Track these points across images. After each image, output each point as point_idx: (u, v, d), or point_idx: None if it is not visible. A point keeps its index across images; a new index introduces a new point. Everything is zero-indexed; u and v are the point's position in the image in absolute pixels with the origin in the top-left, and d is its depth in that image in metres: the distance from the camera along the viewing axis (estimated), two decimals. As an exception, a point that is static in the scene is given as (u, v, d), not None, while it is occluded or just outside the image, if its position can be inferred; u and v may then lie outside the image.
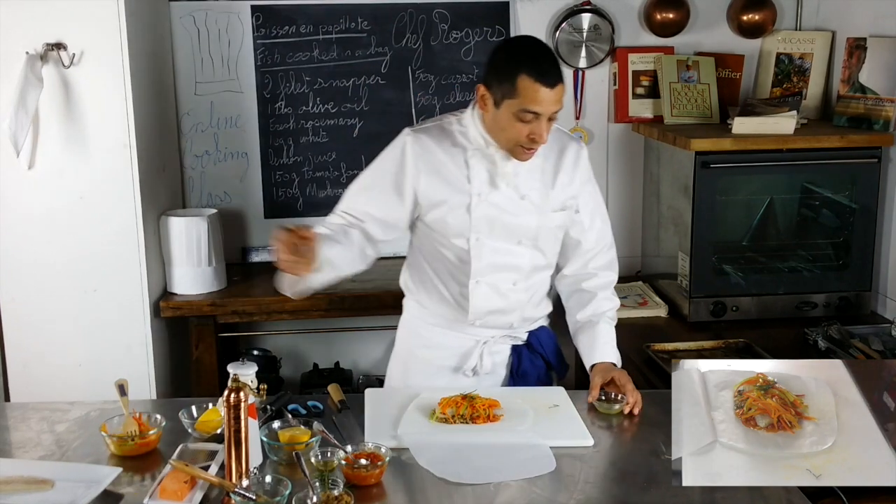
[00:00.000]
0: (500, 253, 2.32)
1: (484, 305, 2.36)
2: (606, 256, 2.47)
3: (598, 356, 2.34)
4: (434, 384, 2.34)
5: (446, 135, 2.31)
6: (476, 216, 2.28)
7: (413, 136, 2.31)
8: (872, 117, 3.14)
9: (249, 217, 3.64)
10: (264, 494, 1.72)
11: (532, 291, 2.40)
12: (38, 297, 2.97)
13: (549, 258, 2.41)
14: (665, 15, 3.60)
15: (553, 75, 2.12)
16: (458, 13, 3.59)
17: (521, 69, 2.11)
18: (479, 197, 2.27)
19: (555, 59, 2.18)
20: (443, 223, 2.31)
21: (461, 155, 2.28)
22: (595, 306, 2.42)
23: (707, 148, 3.05)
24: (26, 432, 2.09)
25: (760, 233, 3.32)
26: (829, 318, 3.02)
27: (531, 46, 2.19)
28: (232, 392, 1.76)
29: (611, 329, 2.41)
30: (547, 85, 2.11)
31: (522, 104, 2.12)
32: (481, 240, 2.30)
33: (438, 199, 2.29)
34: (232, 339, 3.55)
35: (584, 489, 1.83)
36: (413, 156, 2.28)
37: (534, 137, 2.16)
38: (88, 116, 2.88)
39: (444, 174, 2.28)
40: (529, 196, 2.30)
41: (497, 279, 2.34)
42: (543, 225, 2.33)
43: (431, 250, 2.38)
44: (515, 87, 2.12)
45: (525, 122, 2.15)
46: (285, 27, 3.54)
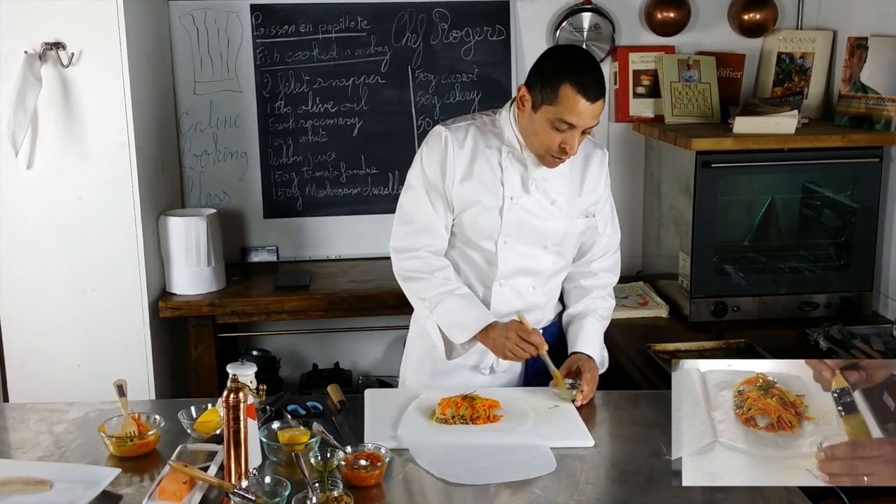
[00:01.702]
0: (526, 257, 2.33)
1: (504, 307, 2.37)
2: (610, 260, 2.48)
3: (579, 347, 2.35)
4: (450, 383, 2.35)
5: (482, 135, 2.30)
6: (507, 219, 2.28)
7: (449, 134, 2.28)
8: (874, 117, 3.14)
9: (249, 217, 3.64)
10: (263, 495, 1.71)
11: (549, 294, 2.43)
12: (37, 297, 2.97)
13: (567, 261, 2.42)
14: (666, 14, 3.59)
15: (596, 90, 2.11)
16: (458, 12, 3.58)
17: (566, 78, 2.10)
18: (512, 200, 2.27)
19: (600, 75, 2.15)
20: (473, 224, 2.31)
21: (496, 157, 2.28)
22: (588, 302, 2.43)
23: (708, 147, 3.05)
24: (25, 433, 2.08)
25: (761, 233, 3.31)
26: (830, 319, 3.01)
27: (580, 57, 2.17)
28: (231, 392, 1.76)
29: (598, 325, 2.41)
30: (588, 98, 2.10)
31: (560, 113, 2.11)
32: (509, 243, 2.31)
33: (472, 199, 2.29)
34: (231, 339, 3.55)
35: (584, 490, 1.82)
36: (451, 154, 2.27)
37: (565, 148, 2.16)
38: (87, 116, 2.88)
39: (477, 176, 2.28)
40: (558, 202, 2.31)
41: (519, 282, 2.36)
42: (569, 231, 2.34)
43: (457, 252, 2.38)
44: (557, 95, 2.11)
45: (559, 130, 2.14)
46: (285, 26, 3.54)
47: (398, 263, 2.36)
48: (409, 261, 2.33)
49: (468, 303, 2.30)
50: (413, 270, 2.33)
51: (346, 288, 3.30)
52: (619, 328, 3.08)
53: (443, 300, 2.29)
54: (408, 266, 2.33)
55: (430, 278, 2.30)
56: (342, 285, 3.34)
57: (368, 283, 3.31)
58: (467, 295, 2.32)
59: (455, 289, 2.31)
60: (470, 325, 2.27)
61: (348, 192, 3.66)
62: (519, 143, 2.25)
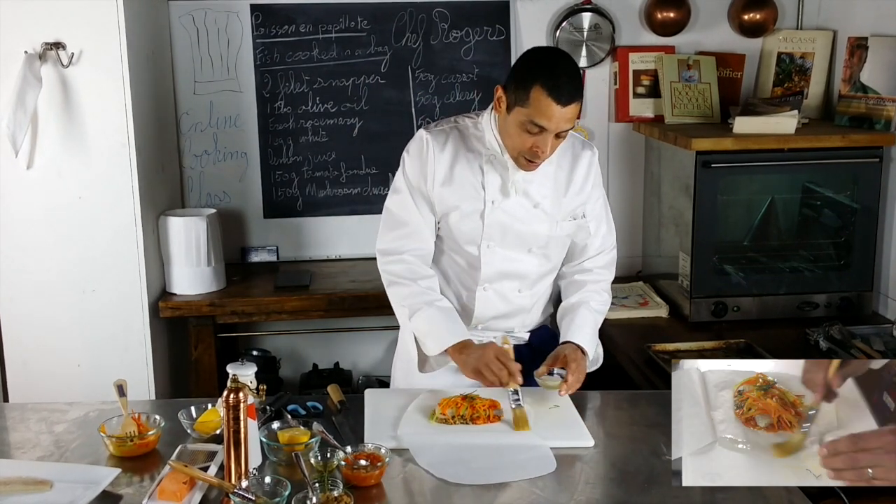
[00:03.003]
0: (509, 260, 2.32)
1: (489, 311, 2.36)
2: (606, 258, 2.46)
3: (568, 337, 2.31)
4: (437, 385, 2.34)
5: (463, 138, 2.29)
6: (489, 223, 2.27)
7: (432, 138, 2.27)
8: (874, 117, 3.14)
9: (249, 217, 3.64)
10: (263, 495, 1.71)
11: (536, 298, 2.41)
12: (37, 297, 2.97)
13: (554, 264, 2.41)
14: (666, 14, 3.59)
15: (567, 93, 2.07)
16: (458, 12, 3.58)
17: (538, 80, 2.07)
18: (493, 204, 2.26)
19: (575, 78, 2.11)
20: (455, 229, 2.30)
21: (477, 160, 2.27)
22: (581, 295, 2.39)
23: (708, 147, 3.05)
24: (25, 433, 2.08)
25: (761, 233, 3.31)
26: (830, 319, 3.01)
27: (554, 59, 2.13)
28: (231, 392, 1.76)
29: (590, 316, 2.36)
30: (559, 102, 2.06)
31: (531, 115, 2.09)
32: (492, 247, 2.30)
33: (453, 203, 2.27)
34: (231, 339, 3.55)
35: (584, 490, 1.82)
36: (432, 158, 2.26)
37: (536, 151, 2.14)
38: (87, 116, 2.88)
39: (458, 180, 2.26)
40: (542, 204, 2.29)
41: (504, 286, 2.34)
42: (554, 233, 2.32)
43: (439, 256, 2.38)
44: (528, 97, 2.08)
45: (531, 133, 2.11)
46: (285, 26, 3.54)
47: (383, 266, 2.34)
48: (394, 265, 2.32)
49: (445, 316, 2.27)
50: (397, 275, 2.31)
51: (346, 288, 3.30)
52: (619, 328, 3.09)
53: (421, 309, 2.26)
54: (392, 270, 2.32)
55: (412, 285, 2.29)
56: (342, 285, 3.34)
57: (368, 283, 3.31)
58: (447, 308, 2.29)
59: (436, 300, 2.28)
60: (444, 338, 2.23)
61: (348, 192, 3.66)
62: (499, 146, 2.23)
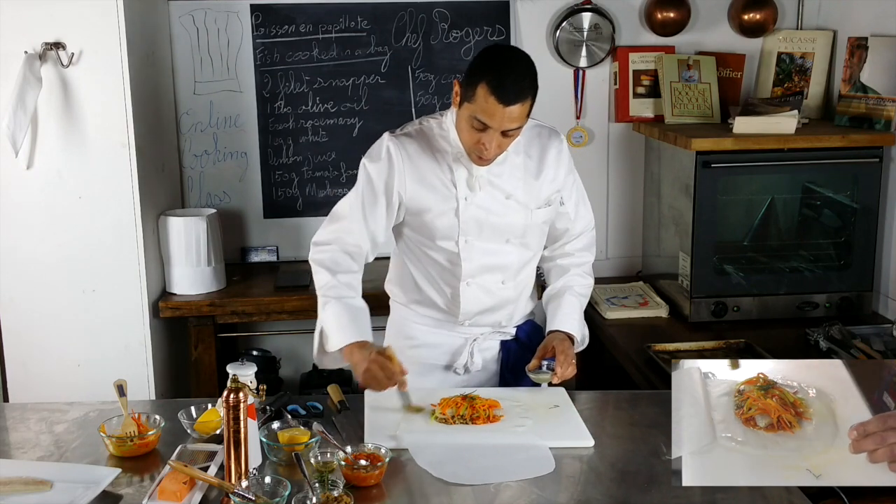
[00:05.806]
0: (490, 253, 2.33)
1: (474, 306, 2.37)
2: (586, 239, 2.49)
3: (556, 325, 2.35)
4: (425, 384, 2.35)
5: (428, 140, 2.29)
6: (464, 219, 2.28)
7: (396, 142, 2.28)
8: (874, 117, 3.13)
9: (249, 217, 3.64)
10: (263, 495, 1.71)
11: (520, 288, 2.42)
12: (37, 297, 2.97)
13: (534, 251, 2.42)
14: (666, 14, 3.59)
15: (511, 94, 2.07)
16: (458, 12, 3.58)
17: (484, 78, 2.08)
18: (466, 200, 2.27)
19: (523, 78, 2.10)
20: (430, 228, 2.31)
21: (444, 159, 2.28)
22: (566, 280, 2.43)
23: (708, 148, 3.05)
24: (25, 433, 2.08)
25: (761, 233, 3.31)
26: (830, 319, 3.01)
27: (505, 58, 2.13)
28: (231, 392, 1.76)
29: (576, 302, 2.40)
30: (501, 101, 2.07)
31: (475, 111, 2.10)
32: (470, 241, 2.30)
33: (424, 206, 2.28)
34: (231, 339, 3.55)
35: (584, 490, 1.82)
36: (399, 161, 2.26)
37: (481, 147, 2.14)
38: (87, 116, 2.88)
39: (429, 180, 2.27)
40: (515, 195, 2.30)
41: (487, 279, 2.35)
42: (530, 223, 2.34)
43: (420, 256, 2.38)
44: (474, 94, 2.10)
45: (476, 129, 2.13)
46: (285, 26, 3.54)
47: (312, 255, 2.33)
48: (320, 254, 2.31)
49: (351, 316, 2.24)
50: (320, 263, 2.30)
51: (346, 288, 3.30)
52: (619, 328, 3.09)
53: (329, 302, 2.24)
54: (317, 258, 2.31)
55: (329, 277, 2.27)
56: (342, 285, 3.33)
57: (368, 283, 3.26)
58: (357, 308, 2.26)
59: (347, 296, 2.26)
60: (341, 337, 2.21)
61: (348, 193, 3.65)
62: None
